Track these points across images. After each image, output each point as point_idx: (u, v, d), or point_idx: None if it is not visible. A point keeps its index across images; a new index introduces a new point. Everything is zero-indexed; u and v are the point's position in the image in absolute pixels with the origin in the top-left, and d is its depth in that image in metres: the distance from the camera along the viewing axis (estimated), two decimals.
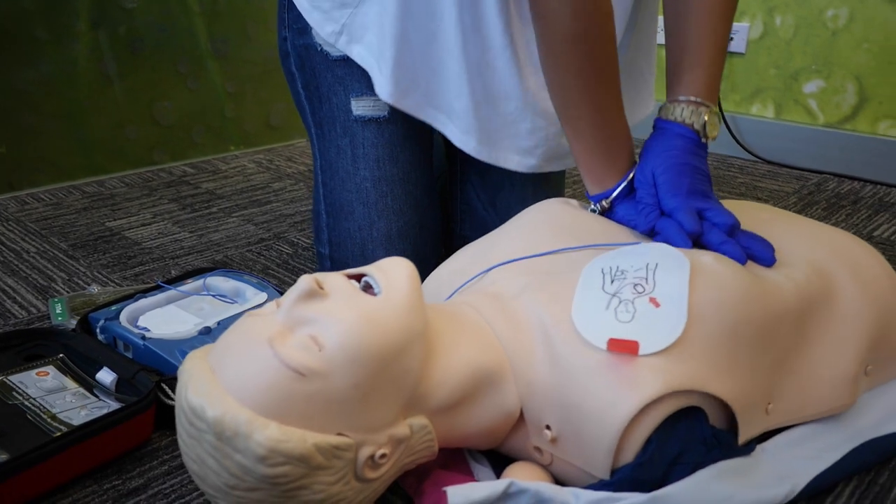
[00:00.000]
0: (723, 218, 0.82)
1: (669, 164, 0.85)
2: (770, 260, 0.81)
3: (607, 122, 0.87)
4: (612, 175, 0.88)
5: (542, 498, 0.67)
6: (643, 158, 0.88)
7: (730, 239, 0.81)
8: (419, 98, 1.00)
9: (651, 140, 0.89)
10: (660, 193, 0.85)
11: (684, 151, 0.86)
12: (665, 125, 0.89)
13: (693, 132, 0.87)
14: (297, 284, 0.65)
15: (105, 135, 1.64)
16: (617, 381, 0.68)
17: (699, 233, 0.81)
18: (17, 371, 0.86)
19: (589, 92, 0.85)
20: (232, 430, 0.60)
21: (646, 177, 0.86)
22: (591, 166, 0.89)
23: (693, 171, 0.86)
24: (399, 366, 0.64)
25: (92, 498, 0.75)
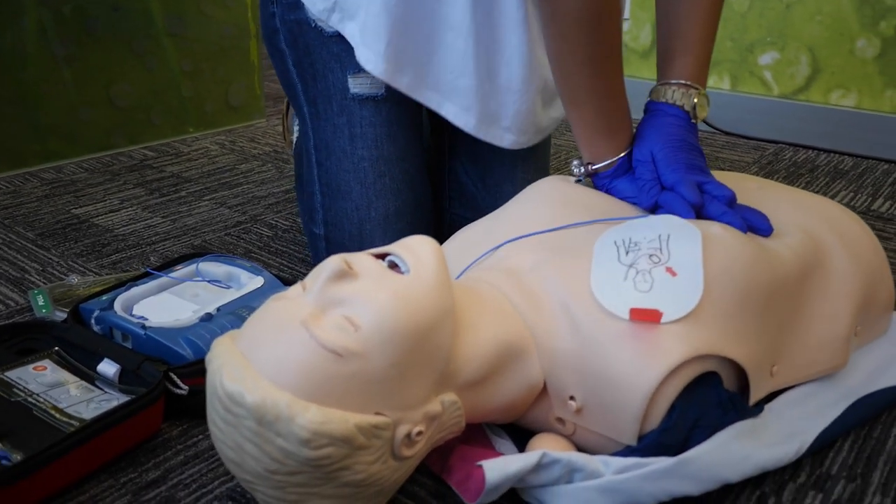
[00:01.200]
0: (722, 191, 0.84)
1: (666, 141, 0.87)
2: (768, 230, 0.84)
3: (611, 102, 0.88)
4: (614, 152, 0.90)
5: (573, 467, 0.68)
6: (639, 138, 0.90)
7: (730, 210, 0.83)
8: (412, 77, 0.99)
9: (645, 121, 0.91)
10: (659, 169, 0.86)
11: (678, 128, 0.88)
12: (658, 107, 0.91)
13: (684, 113, 0.89)
14: (326, 265, 0.64)
15: (59, 119, 1.57)
16: (641, 349, 0.69)
17: (701, 204, 0.83)
18: (12, 367, 0.83)
19: (595, 72, 0.86)
20: (273, 415, 0.59)
21: (644, 155, 0.88)
22: (590, 142, 0.90)
23: (689, 147, 0.88)
24: (432, 343, 0.65)
25: (110, 492, 0.73)
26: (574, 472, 0.69)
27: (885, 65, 1.67)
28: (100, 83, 1.62)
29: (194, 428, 0.82)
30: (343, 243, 1.06)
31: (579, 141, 0.91)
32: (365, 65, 0.97)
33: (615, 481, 0.68)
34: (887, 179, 1.58)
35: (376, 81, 1.01)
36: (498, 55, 0.98)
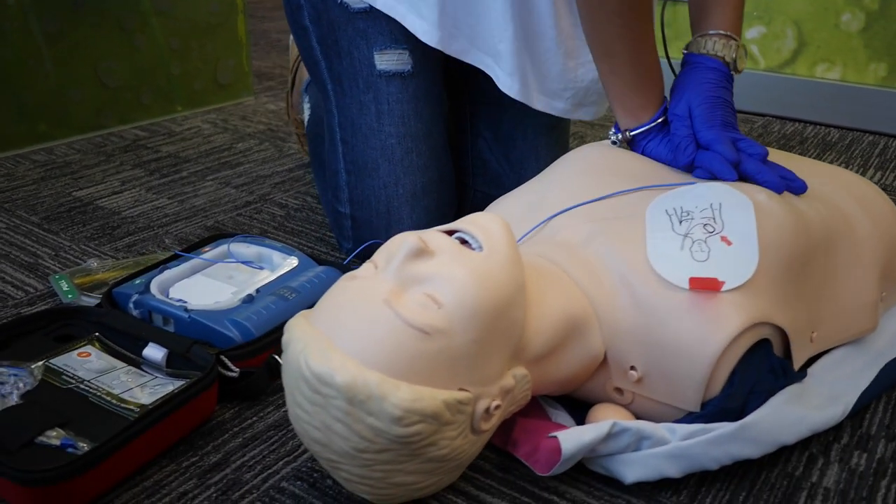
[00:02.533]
0: (756, 148, 0.86)
1: (704, 97, 0.87)
2: (803, 187, 0.85)
3: (642, 57, 0.88)
4: (647, 109, 0.90)
5: (642, 435, 0.70)
6: (677, 92, 0.90)
7: (766, 168, 0.85)
8: (465, 42, 0.98)
9: (683, 75, 0.91)
10: (695, 126, 0.87)
11: (716, 85, 0.89)
12: (698, 59, 0.90)
13: (724, 65, 0.90)
14: (403, 243, 0.64)
15: (46, 99, 1.52)
16: (703, 318, 0.71)
17: (738, 162, 0.84)
18: (56, 354, 0.81)
19: (626, 26, 0.86)
20: (365, 394, 0.59)
21: (682, 110, 0.88)
22: (624, 101, 0.90)
23: (725, 104, 0.89)
24: (508, 318, 0.65)
25: (174, 477, 0.72)
26: (642, 440, 0.70)
27: (869, 38, 1.71)
28: (87, 62, 1.56)
29: (246, 410, 0.82)
30: (370, 221, 1.05)
31: (611, 95, 0.91)
32: (416, 32, 0.96)
33: (682, 447, 0.70)
34: (874, 150, 1.63)
35: (403, 57, 1.01)
36: (529, 18, 0.98)
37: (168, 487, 0.71)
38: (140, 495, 0.70)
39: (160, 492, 0.70)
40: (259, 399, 0.83)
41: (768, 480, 0.74)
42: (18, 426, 0.69)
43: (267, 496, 0.70)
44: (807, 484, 0.73)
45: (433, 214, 1.06)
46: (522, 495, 0.71)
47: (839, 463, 0.76)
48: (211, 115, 1.77)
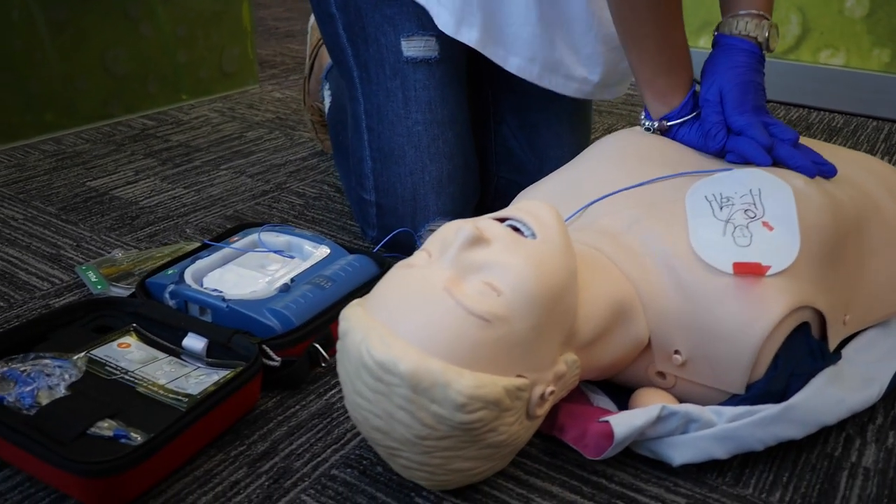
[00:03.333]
0: (788, 133, 0.86)
1: (736, 81, 0.87)
2: (833, 171, 0.86)
3: (672, 40, 0.88)
4: (676, 93, 0.90)
5: (690, 418, 0.71)
6: (708, 75, 0.90)
7: (798, 152, 0.85)
8: (480, 31, 0.98)
9: (714, 57, 0.91)
10: (727, 111, 0.87)
11: (748, 68, 0.89)
12: (729, 41, 0.90)
13: (756, 46, 0.89)
14: (459, 232, 0.65)
15: (53, 89, 1.50)
16: (748, 302, 0.72)
17: (771, 146, 0.85)
18: (97, 345, 0.81)
19: (657, 10, 0.86)
20: (429, 382, 0.59)
21: (713, 94, 0.88)
22: (654, 85, 0.90)
23: (756, 87, 0.89)
24: (563, 305, 0.66)
25: (224, 466, 0.72)
26: (690, 423, 0.71)
27: (873, 24, 1.73)
28: (93, 51, 1.55)
29: (288, 399, 0.82)
30: (395, 208, 1.05)
31: (640, 79, 0.92)
32: (437, 20, 0.96)
33: (729, 429, 0.71)
34: (879, 136, 1.65)
35: (430, 44, 1.01)
36: (560, 4, 0.98)
37: (219, 477, 0.71)
38: (192, 485, 0.70)
39: (211, 481, 0.71)
40: (300, 388, 0.83)
41: (809, 461, 0.75)
42: (70, 417, 0.69)
43: (319, 484, 0.71)
44: (847, 464, 0.75)
45: (458, 201, 1.06)
46: (571, 479, 0.72)
47: (876, 443, 0.77)
48: (217, 103, 1.76)
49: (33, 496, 0.68)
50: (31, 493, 0.69)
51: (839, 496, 0.71)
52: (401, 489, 0.70)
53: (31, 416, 0.69)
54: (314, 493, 0.70)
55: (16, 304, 0.97)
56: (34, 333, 0.81)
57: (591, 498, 0.70)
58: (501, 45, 1.00)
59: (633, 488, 0.71)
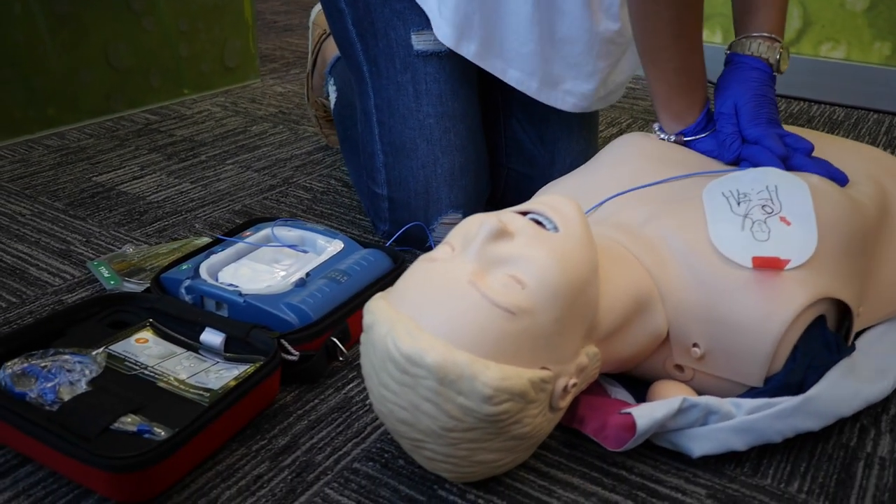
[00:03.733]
0: (802, 143, 0.88)
1: (750, 95, 0.90)
2: (845, 181, 0.88)
3: (690, 63, 0.90)
4: (692, 111, 0.92)
5: (709, 410, 0.72)
6: (721, 91, 0.92)
7: (812, 163, 0.87)
8: (478, 46, 0.99)
9: (727, 74, 0.93)
10: (741, 123, 0.89)
11: (761, 83, 0.91)
12: (742, 59, 0.93)
13: (768, 66, 0.92)
14: (484, 225, 0.65)
15: (55, 84, 1.49)
16: (767, 295, 0.73)
17: (785, 157, 0.86)
18: (114, 341, 0.81)
19: (680, 31, 0.88)
20: (456, 374, 0.60)
21: (727, 108, 0.90)
22: (670, 102, 0.92)
23: (769, 101, 0.91)
24: (585, 297, 0.66)
25: (246, 460, 0.73)
26: (709, 415, 0.72)
27: (874, 17, 1.73)
28: (96, 44, 1.54)
29: (306, 393, 0.82)
30: (408, 202, 1.05)
31: (657, 98, 0.93)
32: (436, 31, 0.97)
33: (749, 421, 0.71)
34: (881, 129, 1.66)
35: None
36: (558, 18, 0.99)
37: (241, 471, 0.71)
38: (215, 479, 0.70)
39: (234, 475, 0.71)
40: (318, 382, 0.84)
41: (825, 451, 0.76)
42: (93, 413, 0.68)
43: (342, 477, 0.71)
44: (862, 454, 0.75)
45: (471, 194, 1.06)
46: (591, 471, 0.73)
47: (890, 433, 0.78)
48: (219, 97, 1.75)
49: (56, 492, 0.68)
50: (54, 489, 0.69)
51: (856, 486, 0.72)
52: (423, 482, 0.71)
53: (53, 412, 0.69)
54: (337, 486, 0.70)
55: (28, 300, 0.96)
56: (51, 329, 0.80)
57: (611, 489, 0.71)
58: (500, 59, 1.01)
59: (652, 479, 0.72)
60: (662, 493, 0.70)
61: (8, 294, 0.98)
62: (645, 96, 1.83)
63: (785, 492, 0.71)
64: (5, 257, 1.06)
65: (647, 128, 1.62)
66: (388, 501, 0.68)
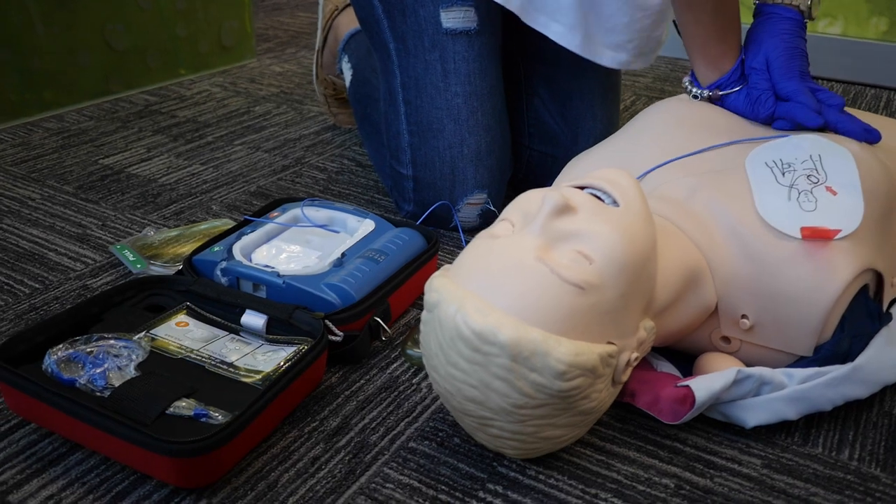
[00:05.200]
0: (836, 99, 0.87)
1: (782, 48, 0.88)
2: (878, 137, 0.87)
3: (727, 5, 0.88)
4: (727, 57, 0.90)
5: (763, 380, 0.72)
6: (753, 43, 0.90)
7: (846, 118, 0.86)
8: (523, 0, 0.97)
9: (758, 25, 0.91)
10: (774, 78, 0.88)
11: (793, 34, 0.89)
12: (773, 9, 0.90)
13: (799, 13, 0.90)
14: (547, 200, 0.64)
15: (53, 65, 1.45)
16: (817, 265, 0.73)
17: (819, 111, 0.86)
18: (155, 324, 0.79)
19: None
20: (529, 350, 0.59)
21: (759, 62, 0.89)
22: (707, 50, 0.90)
23: (801, 54, 0.90)
24: (647, 272, 0.66)
25: (301, 443, 0.72)
26: (762, 386, 0.72)
27: None
28: (94, 25, 1.50)
29: (351, 374, 0.81)
30: (433, 182, 1.04)
31: (692, 43, 0.91)
32: None
33: (801, 390, 0.72)
34: (879, 104, 1.68)
35: (469, 15, 0.99)
36: None
37: (297, 453, 0.70)
38: (271, 462, 0.69)
39: (290, 458, 0.70)
40: (361, 362, 0.83)
41: (870, 419, 0.77)
42: (147, 398, 0.67)
43: (399, 457, 0.70)
44: None
45: (495, 174, 1.06)
46: (646, 444, 0.73)
47: None
48: (217, 78, 1.72)
49: (111, 479, 0.67)
50: (108, 476, 0.67)
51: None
52: (482, 459, 0.70)
53: (105, 398, 0.67)
54: (396, 465, 0.69)
55: (52, 286, 0.94)
56: (89, 314, 0.78)
57: (668, 462, 0.71)
58: (543, 13, 0.99)
59: (707, 451, 0.72)
60: (719, 465, 0.71)
61: (30, 280, 0.95)
62: (645, 73, 1.83)
63: (837, 460, 0.72)
64: (21, 242, 1.03)
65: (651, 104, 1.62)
66: (448, 479, 0.68)
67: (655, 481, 0.69)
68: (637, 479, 0.69)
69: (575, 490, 0.68)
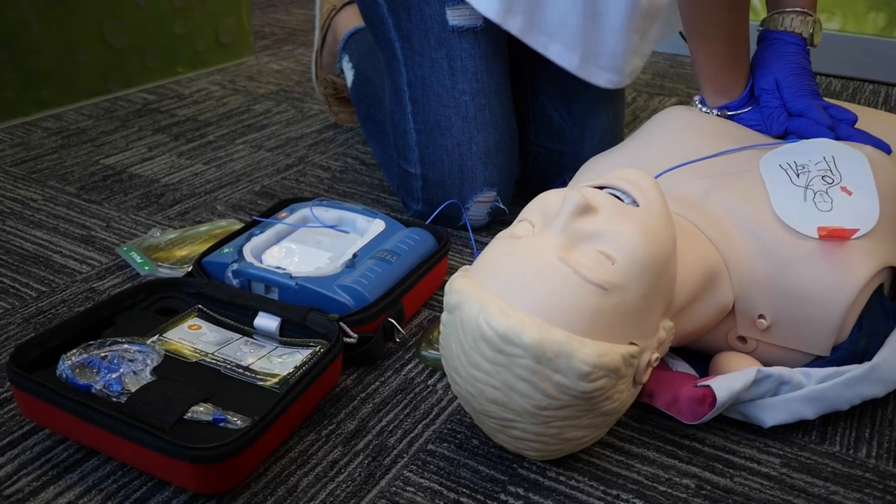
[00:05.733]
0: (846, 114, 0.88)
1: (790, 68, 0.89)
2: (889, 150, 0.88)
3: (738, 36, 0.89)
4: (737, 86, 0.91)
5: (782, 380, 0.72)
6: (761, 67, 0.92)
7: (858, 133, 0.87)
8: (524, 20, 0.97)
9: (764, 50, 0.93)
10: (785, 96, 0.89)
11: (799, 56, 0.91)
12: (778, 35, 0.92)
13: (802, 40, 0.92)
14: (568, 200, 0.64)
15: (50, 64, 1.43)
16: (835, 265, 0.73)
17: (832, 127, 0.87)
18: (167, 328, 0.78)
19: (730, 11, 0.86)
20: (553, 352, 0.59)
21: (769, 84, 0.90)
22: (717, 76, 0.91)
23: (809, 74, 0.91)
24: (668, 272, 0.66)
25: (318, 446, 0.71)
26: (781, 385, 0.72)
27: None
28: (91, 22, 1.48)
29: (366, 376, 0.81)
30: (442, 181, 1.04)
31: (702, 74, 0.92)
32: (478, 6, 0.95)
33: (819, 390, 0.72)
34: (878, 99, 1.68)
35: (475, 12, 0.99)
36: None
37: (316, 457, 0.70)
38: (290, 466, 0.69)
39: (309, 462, 0.69)
40: (375, 364, 0.82)
41: (885, 417, 0.77)
42: (164, 403, 0.66)
43: (418, 459, 0.70)
44: None
45: (504, 171, 1.05)
46: (665, 444, 0.73)
47: None
48: (215, 76, 1.70)
49: (128, 485, 0.66)
50: (125, 483, 0.66)
51: None
52: (501, 461, 0.70)
53: (121, 403, 0.67)
54: (416, 468, 0.69)
55: (59, 289, 0.93)
56: (100, 318, 0.78)
57: (688, 461, 0.71)
58: (544, 33, 0.99)
59: (726, 450, 0.72)
60: (738, 464, 0.71)
61: (36, 283, 0.94)
62: (644, 69, 1.83)
63: (855, 458, 0.72)
64: (25, 244, 1.02)
65: (651, 100, 1.62)
66: (469, 482, 0.68)
67: (676, 481, 0.69)
68: (658, 479, 0.69)
69: (596, 491, 0.67)
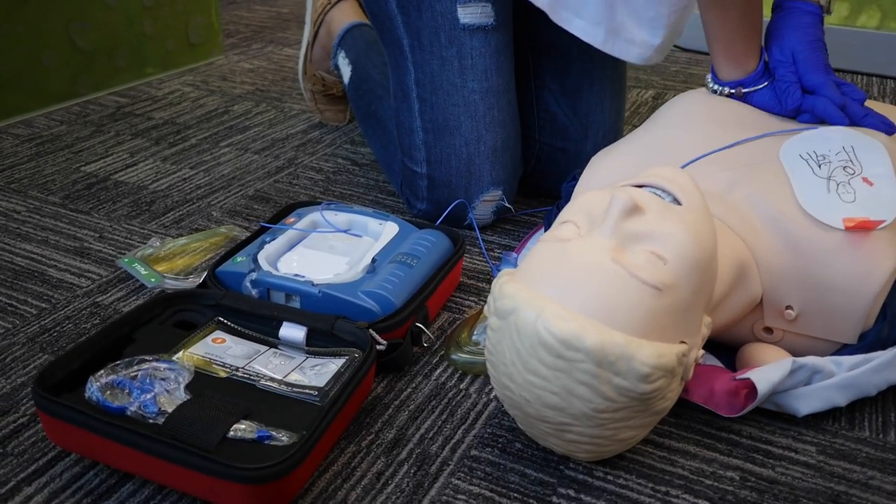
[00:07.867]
0: (859, 93, 0.89)
1: (806, 41, 0.89)
2: (893, 130, 0.90)
3: (753, 4, 0.88)
4: (751, 56, 0.90)
5: (815, 369, 0.73)
6: (775, 38, 0.91)
7: (869, 112, 0.88)
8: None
9: (779, 20, 0.91)
10: (800, 70, 0.89)
11: (815, 27, 0.90)
12: (793, 4, 0.91)
13: (818, 8, 0.91)
14: (616, 201, 0.63)
15: (17, 66, 1.37)
16: (862, 255, 0.74)
17: (844, 106, 0.87)
18: (191, 343, 0.75)
19: None
20: (615, 355, 0.59)
21: (785, 55, 0.89)
22: (732, 48, 0.90)
23: (824, 47, 0.91)
24: (713, 270, 0.66)
25: (361, 457, 0.70)
26: (814, 374, 0.74)
27: None
28: (58, 24, 1.42)
29: (396, 383, 0.79)
30: (449, 180, 1.03)
31: (716, 42, 0.91)
32: None
33: (850, 377, 0.73)
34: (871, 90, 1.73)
35: (486, 10, 0.98)
36: None
37: (360, 469, 0.68)
38: (335, 480, 0.67)
39: (354, 474, 0.68)
40: (404, 370, 0.81)
41: None
42: (205, 422, 0.64)
43: (464, 466, 0.69)
44: None
45: (510, 170, 1.05)
46: (704, 437, 0.73)
47: None
48: (187, 76, 1.65)
49: None
50: None
51: None
52: (547, 463, 0.70)
53: (159, 425, 0.64)
54: (463, 475, 0.68)
55: (60, 305, 0.89)
56: (120, 335, 0.74)
57: (728, 454, 0.71)
58: (568, 8, 0.98)
59: (763, 441, 0.73)
60: (777, 454, 0.72)
61: (34, 299, 0.90)
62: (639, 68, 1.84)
63: (886, 442, 0.73)
64: (16, 259, 0.97)
65: (649, 92, 1.63)
66: (519, 486, 0.67)
67: (721, 474, 0.69)
68: (703, 473, 0.69)
69: (645, 489, 0.67)
